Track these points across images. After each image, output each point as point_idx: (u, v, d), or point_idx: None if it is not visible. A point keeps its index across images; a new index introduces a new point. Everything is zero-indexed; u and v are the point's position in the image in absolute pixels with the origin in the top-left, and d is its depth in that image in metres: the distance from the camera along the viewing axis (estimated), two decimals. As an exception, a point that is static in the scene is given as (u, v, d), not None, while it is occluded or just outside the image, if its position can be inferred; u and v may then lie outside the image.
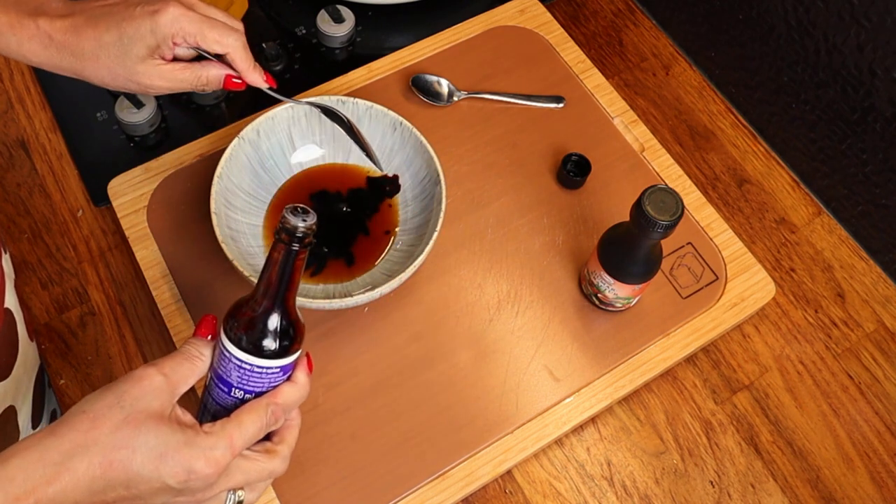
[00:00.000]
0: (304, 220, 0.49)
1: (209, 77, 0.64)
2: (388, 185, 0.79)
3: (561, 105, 0.88)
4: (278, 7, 0.97)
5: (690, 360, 0.78)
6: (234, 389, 0.50)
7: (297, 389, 0.51)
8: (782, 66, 0.87)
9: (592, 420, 0.75)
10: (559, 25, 0.94)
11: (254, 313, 0.50)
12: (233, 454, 0.47)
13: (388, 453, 0.70)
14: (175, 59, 0.63)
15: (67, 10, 0.60)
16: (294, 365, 0.52)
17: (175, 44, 0.61)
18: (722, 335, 0.78)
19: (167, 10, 0.60)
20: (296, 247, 0.49)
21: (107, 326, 0.77)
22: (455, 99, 0.88)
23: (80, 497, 0.44)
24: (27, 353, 0.70)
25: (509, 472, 0.72)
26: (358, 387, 0.72)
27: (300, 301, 0.64)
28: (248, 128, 0.75)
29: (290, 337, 0.51)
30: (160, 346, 0.76)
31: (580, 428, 0.74)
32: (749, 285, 0.79)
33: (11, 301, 0.67)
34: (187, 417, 0.48)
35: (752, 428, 0.75)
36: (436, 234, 0.71)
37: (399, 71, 0.89)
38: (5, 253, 0.69)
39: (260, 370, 0.50)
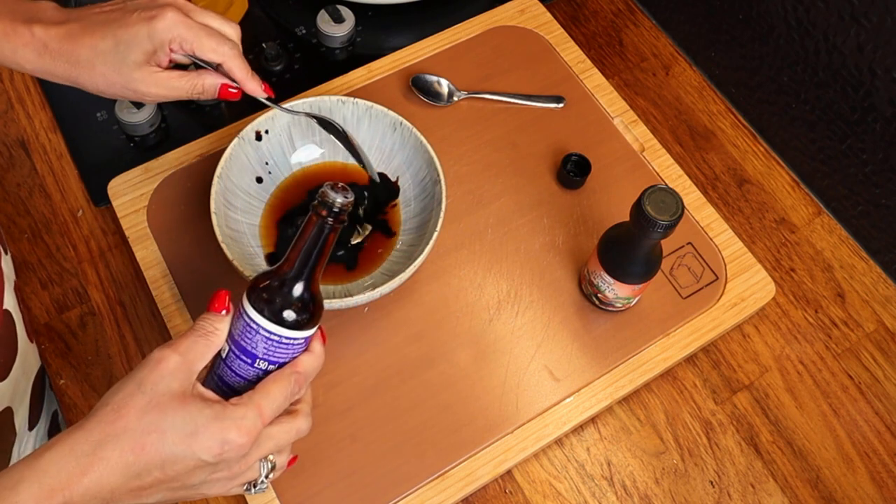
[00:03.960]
0: (344, 197, 0.51)
1: (205, 85, 0.63)
2: (387, 191, 0.79)
3: (561, 105, 0.88)
4: (278, 7, 0.97)
5: (690, 360, 0.78)
6: (258, 361, 0.51)
7: (314, 358, 0.53)
8: (782, 66, 0.87)
9: (592, 420, 0.75)
10: (559, 25, 0.94)
11: (285, 286, 0.52)
12: (263, 422, 0.48)
13: (388, 453, 0.70)
14: (171, 68, 0.63)
15: (62, 17, 0.60)
16: (312, 336, 0.54)
17: (172, 50, 0.61)
18: (722, 335, 0.78)
19: (164, 15, 0.60)
20: (331, 221, 0.51)
21: (107, 326, 0.77)
22: (455, 99, 0.88)
23: (116, 484, 0.44)
24: (26, 355, 0.70)
25: (509, 472, 0.72)
26: (358, 387, 0.72)
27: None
28: (248, 128, 0.75)
29: (317, 307, 0.53)
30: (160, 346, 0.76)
31: (580, 428, 0.74)
32: (749, 285, 0.79)
33: (11, 302, 0.67)
34: (209, 394, 0.48)
35: (752, 428, 0.75)
36: (436, 234, 0.71)
37: (399, 71, 0.89)
38: (6, 254, 0.69)
39: (288, 341, 0.51)
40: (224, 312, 0.52)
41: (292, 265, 0.52)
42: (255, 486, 0.51)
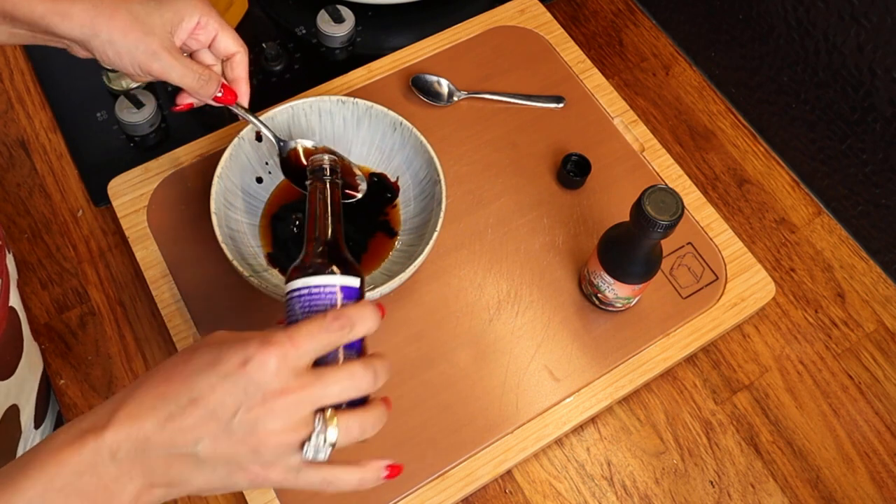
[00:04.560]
0: (330, 155, 0.59)
1: (211, 76, 0.64)
2: (388, 192, 0.79)
3: (561, 105, 0.88)
4: (278, 7, 0.97)
5: (690, 360, 0.78)
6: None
7: (360, 307, 0.47)
8: (782, 66, 0.87)
9: (592, 420, 0.75)
10: (559, 25, 0.94)
11: (305, 248, 0.53)
12: (291, 341, 0.43)
13: (388, 453, 0.69)
14: None
15: None
16: (359, 294, 0.50)
17: (197, 26, 0.62)
18: (722, 335, 0.78)
19: None
20: (328, 177, 0.57)
21: (107, 326, 0.77)
22: (455, 99, 0.88)
23: (147, 418, 0.42)
24: (31, 353, 0.70)
25: (509, 472, 0.72)
26: (358, 387, 0.72)
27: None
28: (248, 128, 0.75)
29: (342, 258, 0.51)
30: (160, 346, 0.76)
31: (580, 428, 0.74)
32: (749, 285, 0.79)
33: (15, 300, 0.67)
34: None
35: (752, 428, 0.75)
36: (436, 234, 0.70)
37: (399, 71, 0.89)
38: (9, 252, 0.69)
39: (317, 290, 0.49)
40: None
41: (310, 229, 0.53)
42: (309, 442, 0.44)
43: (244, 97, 0.68)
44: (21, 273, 0.80)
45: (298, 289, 0.49)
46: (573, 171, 0.83)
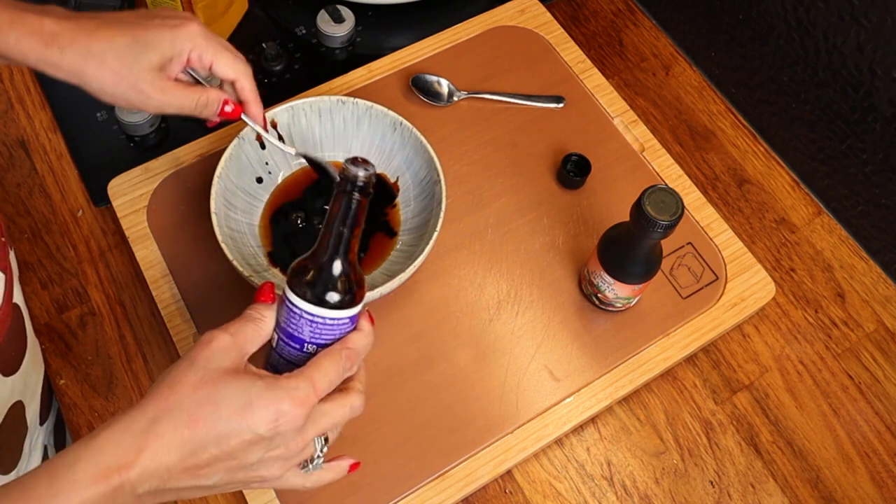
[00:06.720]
0: (366, 170, 0.50)
1: (209, 99, 0.64)
2: (388, 192, 0.79)
3: (561, 105, 0.88)
4: (278, 7, 0.97)
5: (690, 360, 0.78)
6: (306, 345, 0.51)
7: (364, 336, 0.52)
8: (782, 66, 0.87)
9: (592, 420, 0.75)
10: (559, 25, 0.94)
11: (322, 268, 0.51)
12: (316, 394, 0.47)
13: (388, 453, 0.70)
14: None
15: (75, 15, 0.60)
16: (359, 315, 0.53)
17: (189, 60, 0.62)
18: (722, 335, 0.78)
19: (188, 25, 0.61)
20: (357, 196, 0.50)
21: (107, 326, 0.77)
22: (455, 99, 0.88)
23: (172, 462, 0.44)
24: (35, 349, 0.70)
25: (509, 472, 0.72)
26: (358, 387, 0.72)
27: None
28: (248, 128, 0.75)
29: (357, 286, 0.52)
30: (160, 346, 0.76)
31: (580, 428, 0.74)
32: (749, 285, 0.79)
33: (18, 296, 0.67)
34: (262, 371, 0.48)
35: (752, 428, 0.75)
36: (436, 234, 0.71)
37: (399, 71, 0.89)
38: (10, 249, 0.69)
39: (332, 322, 0.51)
40: (270, 303, 0.52)
41: (326, 246, 0.51)
42: (311, 463, 0.50)
43: (258, 119, 0.67)
44: (21, 273, 0.80)
45: (312, 314, 0.50)
46: (573, 171, 0.83)
